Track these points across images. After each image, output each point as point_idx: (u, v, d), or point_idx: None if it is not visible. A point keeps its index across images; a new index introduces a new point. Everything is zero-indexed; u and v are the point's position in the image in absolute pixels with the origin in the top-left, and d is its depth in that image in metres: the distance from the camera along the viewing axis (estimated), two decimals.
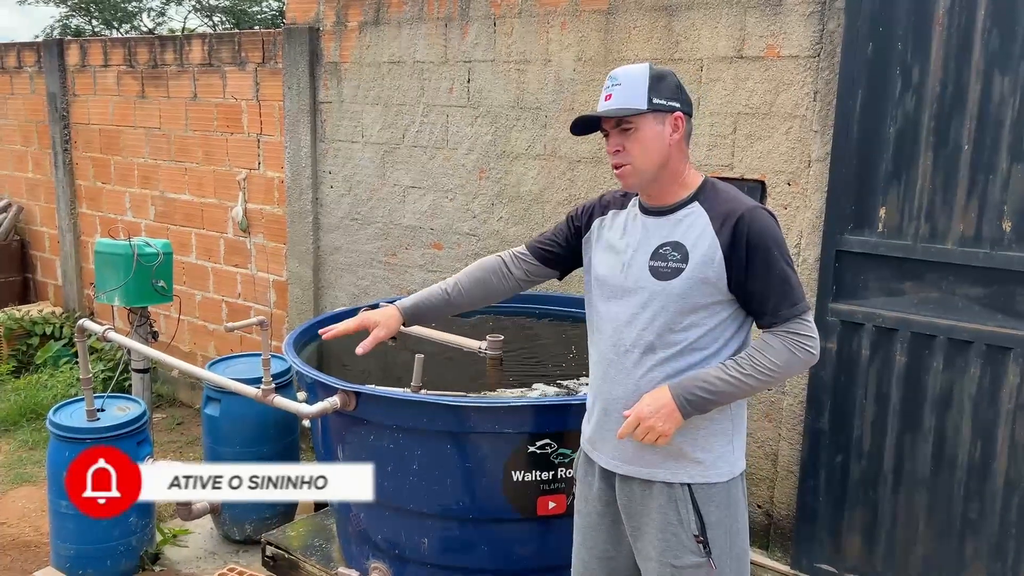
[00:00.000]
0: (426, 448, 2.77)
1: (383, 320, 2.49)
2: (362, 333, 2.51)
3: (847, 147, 3.19)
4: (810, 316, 2.09)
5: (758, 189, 3.47)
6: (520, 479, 2.73)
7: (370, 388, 2.77)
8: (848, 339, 3.29)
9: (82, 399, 3.82)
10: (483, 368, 3.30)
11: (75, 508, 3.62)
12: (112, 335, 3.42)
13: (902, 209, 3.12)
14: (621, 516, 2.23)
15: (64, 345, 6.69)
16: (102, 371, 6.11)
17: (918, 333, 3.13)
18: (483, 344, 3.35)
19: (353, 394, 2.77)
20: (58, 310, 6.94)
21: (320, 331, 2.58)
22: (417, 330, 3.48)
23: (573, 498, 2.77)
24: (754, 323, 2.16)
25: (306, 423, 4.23)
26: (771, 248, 2.04)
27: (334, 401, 2.74)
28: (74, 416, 3.71)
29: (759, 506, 3.69)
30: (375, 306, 3.71)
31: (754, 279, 2.05)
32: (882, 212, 3.16)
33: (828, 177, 3.27)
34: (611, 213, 2.30)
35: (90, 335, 3.70)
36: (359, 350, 2.44)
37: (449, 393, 2.86)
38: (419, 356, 2.92)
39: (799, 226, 3.41)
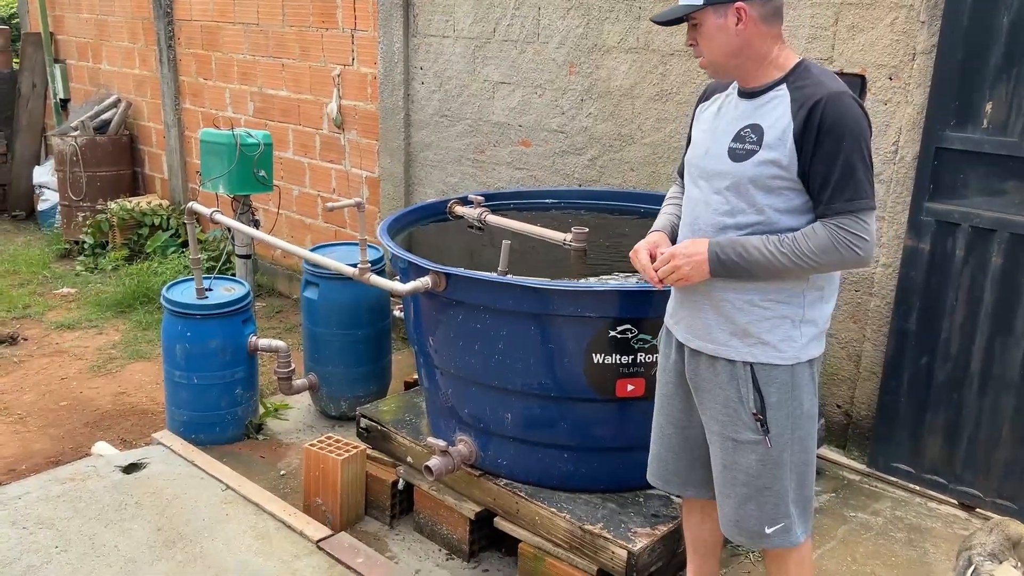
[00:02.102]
0: (511, 329, 2.89)
1: (660, 242, 2.43)
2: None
3: (955, 39, 3.05)
4: (868, 217, 2.05)
5: (858, 84, 3.36)
6: (600, 361, 2.84)
7: (459, 270, 2.89)
8: (942, 239, 3.22)
9: (192, 279, 4.10)
10: (567, 259, 3.38)
11: (188, 378, 3.95)
12: (219, 216, 3.64)
13: (1010, 104, 2.99)
14: (691, 389, 2.34)
15: (171, 236, 7.09)
16: (205, 260, 6.47)
17: (1017, 235, 3.04)
18: (568, 236, 3.41)
19: (443, 275, 2.89)
20: (165, 202, 7.32)
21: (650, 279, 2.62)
22: (502, 221, 3.57)
23: (650, 382, 2.88)
24: None
25: (397, 312, 4.44)
26: (844, 136, 2.00)
27: (426, 281, 2.88)
28: (185, 294, 3.99)
29: (838, 406, 3.72)
30: (464, 199, 3.83)
31: (818, 165, 2.02)
32: (988, 108, 3.03)
33: (932, 71, 3.14)
34: (712, 98, 2.33)
35: (198, 220, 3.93)
36: (656, 285, 2.38)
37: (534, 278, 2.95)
38: (506, 243, 3.02)
39: (898, 123, 3.30)
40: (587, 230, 3.35)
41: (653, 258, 2.27)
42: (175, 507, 3.43)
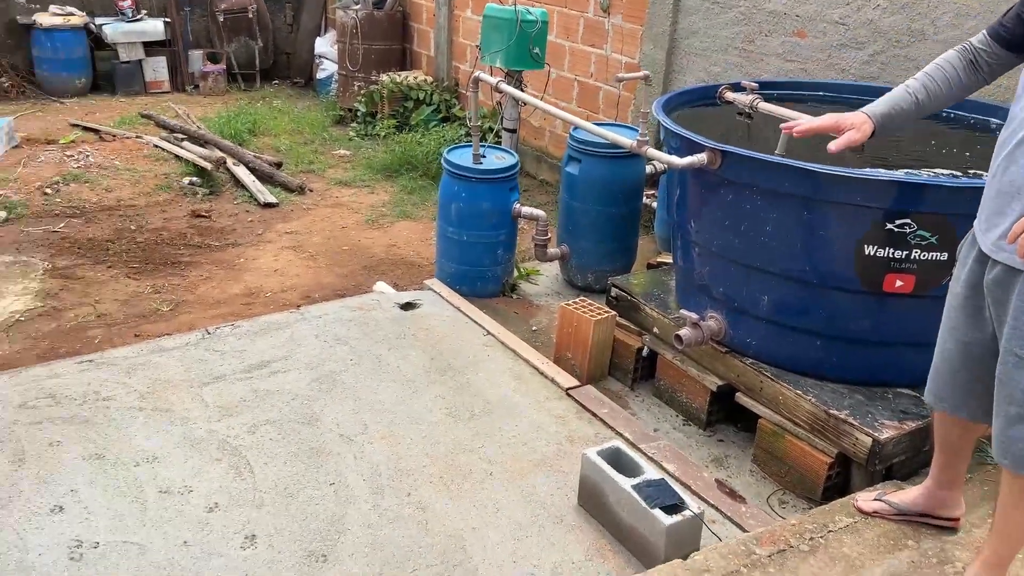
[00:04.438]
0: (782, 212, 2.95)
1: (858, 124, 2.44)
2: None
3: None
4: None
5: None
6: (872, 253, 2.84)
7: (737, 148, 2.96)
8: None
9: (468, 145, 4.46)
10: (841, 155, 3.32)
11: (459, 235, 4.36)
12: (504, 86, 3.92)
13: None
14: (985, 303, 2.24)
15: (433, 111, 7.59)
16: (463, 135, 6.91)
17: None
18: None
19: (719, 153, 2.99)
20: (429, 78, 7.82)
21: (784, 127, 2.64)
22: (775, 109, 3.56)
23: (920, 280, 2.85)
24: None
25: (646, 200, 4.59)
26: None
27: (701, 158, 2.99)
28: (463, 158, 4.36)
29: None
30: (736, 85, 3.83)
31: None
32: None
33: None
34: None
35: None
36: (831, 147, 2.45)
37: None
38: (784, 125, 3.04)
39: None
40: None
41: None
42: (444, 344, 3.89)
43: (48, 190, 5.64)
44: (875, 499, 2.65)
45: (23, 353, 3.84)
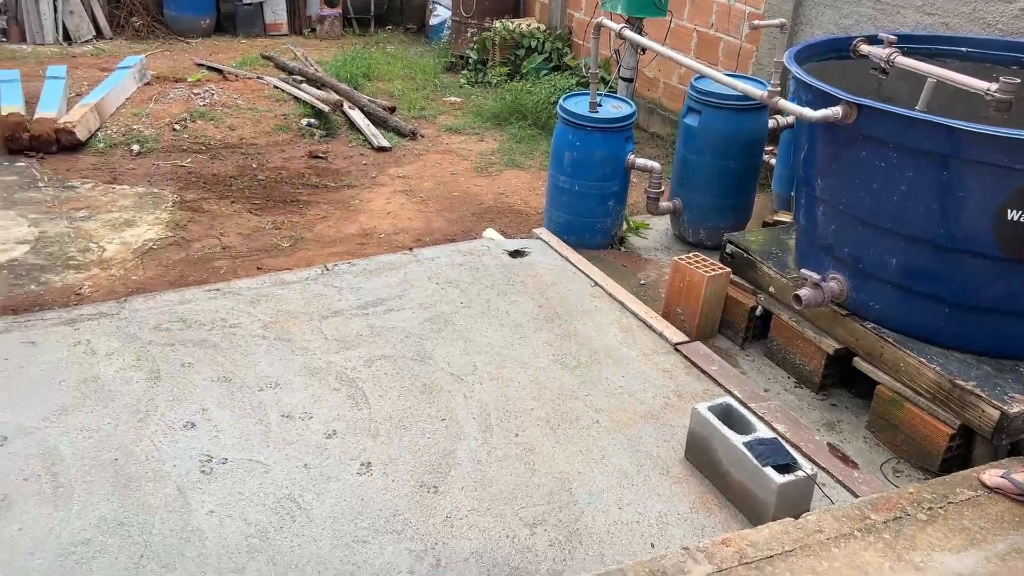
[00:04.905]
0: (919, 171, 2.81)
1: None
2: None
3: None
4: None
5: None
6: (1015, 219, 2.69)
7: (875, 102, 2.83)
8: None
9: (585, 93, 4.41)
10: (986, 115, 3.14)
11: (570, 184, 4.34)
12: (627, 32, 3.84)
13: None
14: None
15: (544, 59, 7.51)
16: (574, 84, 6.83)
17: None
18: (992, 86, 3.15)
19: (855, 106, 2.86)
20: (541, 26, 7.73)
21: None
22: (914, 64, 3.37)
23: None
24: None
25: (767, 156, 4.46)
26: None
27: (836, 111, 2.87)
28: (579, 106, 4.31)
29: None
30: (872, 38, 3.65)
31: None
32: None
33: None
34: None
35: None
36: None
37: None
38: (931, 80, 2.88)
39: None
40: (1019, 81, 3.08)
41: None
42: (552, 292, 3.91)
43: (176, 126, 5.90)
44: (1001, 476, 2.55)
45: (156, 279, 4.07)
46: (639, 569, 2.10)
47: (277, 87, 6.67)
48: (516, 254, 4.23)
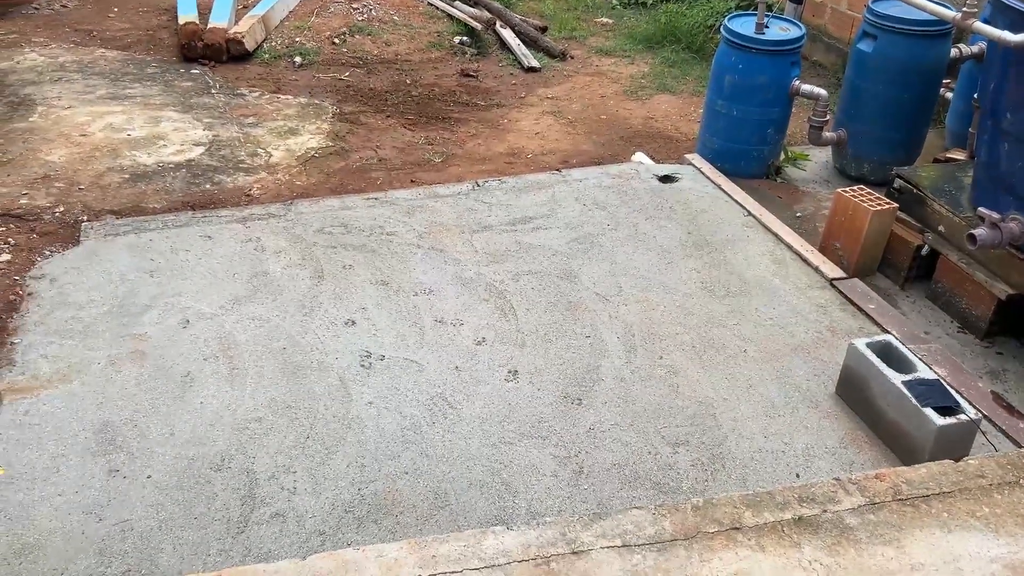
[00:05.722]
0: None
1: None
2: None
3: None
4: None
5: None
6: None
7: None
8: None
9: (750, 14, 4.22)
10: None
11: (728, 109, 4.20)
12: None
13: None
14: None
15: None
16: (732, 7, 6.53)
17: None
18: None
19: None
20: None
21: None
22: None
23: None
24: None
25: (943, 89, 4.15)
26: None
27: None
28: (744, 27, 4.13)
29: None
30: None
31: None
32: None
33: None
34: None
35: None
36: None
37: None
38: None
39: None
40: None
41: None
42: (702, 219, 3.83)
43: (336, 40, 6.07)
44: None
45: (318, 186, 4.26)
46: (788, 494, 2.09)
47: (431, 3, 6.72)
48: (666, 179, 4.17)
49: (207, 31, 5.69)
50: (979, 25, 2.84)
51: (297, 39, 6.04)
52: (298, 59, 5.77)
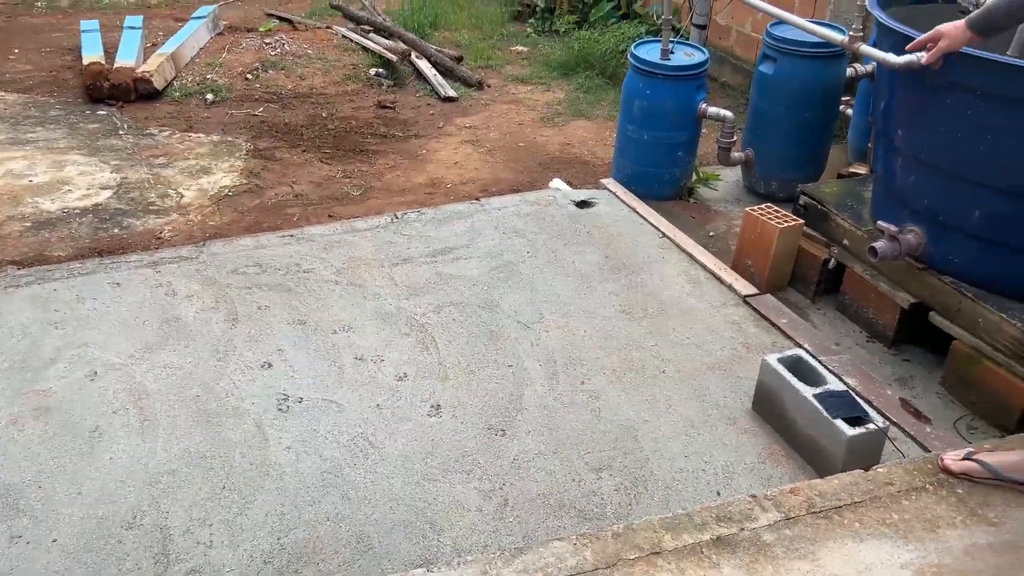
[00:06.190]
0: (1010, 119, 2.70)
1: (950, 32, 2.65)
2: None
3: None
4: None
5: None
6: None
7: (966, 48, 2.71)
8: None
9: (656, 41, 4.32)
10: None
11: (639, 134, 4.29)
12: None
13: None
14: None
15: (612, 7, 7.36)
16: (643, 33, 6.69)
17: None
18: None
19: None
20: None
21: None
22: None
23: None
24: None
25: (843, 107, 4.32)
26: None
27: (921, 56, 2.76)
28: (650, 53, 4.23)
29: None
30: None
31: None
32: None
33: None
34: None
35: None
36: (923, 60, 2.73)
37: None
38: (1023, 26, 2.75)
39: None
40: None
41: None
42: (619, 243, 3.89)
43: (249, 75, 5.99)
44: (964, 459, 2.47)
45: (232, 225, 4.18)
46: (706, 514, 2.12)
47: (346, 36, 6.71)
48: (583, 204, 4.22)
49: (114, 71, 5.56)
50: (865, 48, 2.97)
51: (209, 76, 5.95)
52: (210, 96, 5.68)
